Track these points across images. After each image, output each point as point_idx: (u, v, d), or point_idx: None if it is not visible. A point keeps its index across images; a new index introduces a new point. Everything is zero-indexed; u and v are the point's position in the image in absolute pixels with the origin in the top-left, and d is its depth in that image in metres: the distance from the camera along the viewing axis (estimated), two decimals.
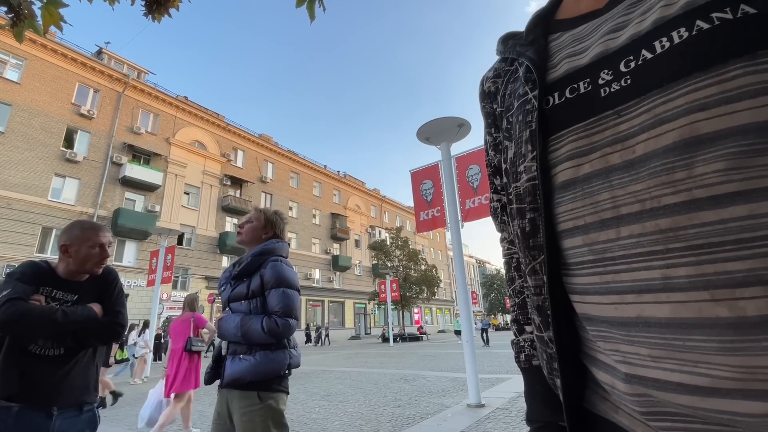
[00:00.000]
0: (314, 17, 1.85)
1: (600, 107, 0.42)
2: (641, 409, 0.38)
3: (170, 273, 11.78)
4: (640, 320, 0.37)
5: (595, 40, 0.45)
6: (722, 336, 0.32)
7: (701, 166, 0.33)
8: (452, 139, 6.06)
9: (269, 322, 1.62)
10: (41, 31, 1.88)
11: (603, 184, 0.40)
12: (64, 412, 1.43)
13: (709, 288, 0.32)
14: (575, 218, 0.44)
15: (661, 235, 0.35)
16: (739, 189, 0.32)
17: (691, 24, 0.36)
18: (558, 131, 0.46)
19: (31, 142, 18.37)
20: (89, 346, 1.53)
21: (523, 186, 0.50)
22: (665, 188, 0.35)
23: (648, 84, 0.38)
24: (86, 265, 1.55)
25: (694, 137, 0.34)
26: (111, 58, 23.92)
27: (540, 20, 0.56)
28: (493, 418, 4.40)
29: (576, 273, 0.44)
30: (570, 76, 0.46)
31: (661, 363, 0.36)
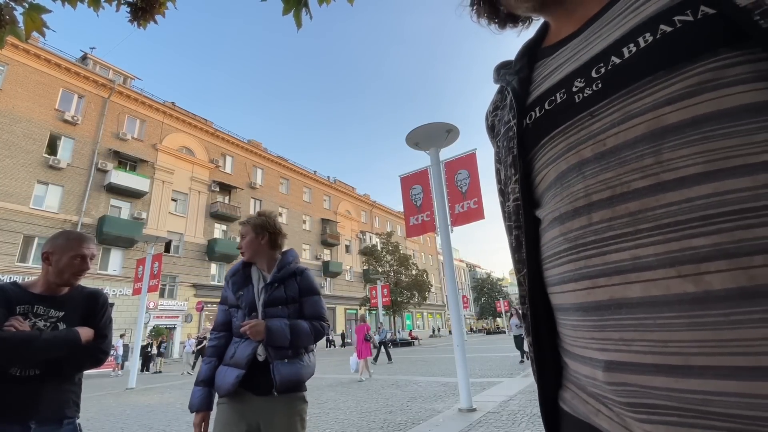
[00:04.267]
0: (301, 24, 1.86)
1: (575, 111, 0.45)
2: (623, 400, 0.38)
3: (157, 281, 11.58)
4: (612, 302, 0.38)
5: (571, 58, 0.49)
6: (690, 311, 0.32)
7: (668, 152, 0.36)
8: (441, 144, 6.11)
9: (312, 326, 1.73)
10: (23, 37, 1.85)
11: (577, 177, 0.44)
12: (43, 426, 1.40)
13: (675, 264, 0.34)
14: (553, 211, 0.47)
15: (630, 218, 0.37)
16: (704, 170, 0.34)
17: (655, 29, 0.38)
18: (539, 141, 0.50)
19: (13, 149, 17.94)
20: (67, 372, 1.50)
21: (511, 206, 0.55)
22: (635, 174, 0.38)
23: (617, 85, 0.41)
24: (64, 274, 1.52)
25: (661, 128, 0.37)
26: (96, 64, 23.58)
27: (527, 50, 0.61)
28: (485, 422, 4.40)
29: (553, 264, 0.47)
30: (548, 91, 0.50)
31: (633, 345, 0.36)
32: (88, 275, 6.96)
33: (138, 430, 5.36)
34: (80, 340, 1.49)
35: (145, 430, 5.34)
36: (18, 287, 1.51)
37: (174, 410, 6.76)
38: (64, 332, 1.48)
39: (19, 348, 1.34)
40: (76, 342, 1.48)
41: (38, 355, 1.39)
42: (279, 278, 1.76)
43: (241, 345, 1.66)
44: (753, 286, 0.30)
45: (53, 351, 1.41)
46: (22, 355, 1.36)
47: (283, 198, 32.07)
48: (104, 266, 20.24)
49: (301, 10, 1.86)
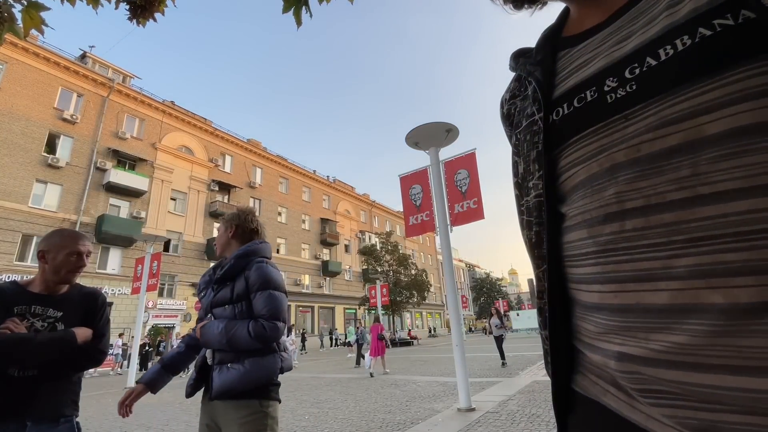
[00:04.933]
0: (301, 23, 1.86)
1: (607, 112, 0.44)
2: (633, 386, 0.41)
3: (156, 280, 11.55)
4: (638, 306, 0.40)
5: (601, 52, 0.48)
6: (715, 320, 0.34)
7: (705, 165, 0.36)
8: (441, 144, 6.11)
9: (256, 326, 1.54)
10: (21, 35, 1.84)
11: (609, 181, 0.43)
12: (39, 424, 1.40)
13: (706, 276, 0.35)
14: (582, 212, 0.47)
15: (664, 229, 0.38)
16: (742, 186, 0.34)
17: (693, 31, 0.37)
18: (568, 139, 0.49)
19: (11, 148, 17.90)
20: (64, 372, 1.50)
21: (531, 201, 0.55)
22: (671, 185, 0.38)
23: (653, 89, 0.40)
24: (61, 272, 1.52)
25: (699, 138, 0.36)
26: (95, 62, 23.53)
27: (548, 39, 0.59)
28: (484, 422, 4.40)
29: (578, 264, 0.48)
30: (577, 87, 0.49)
31: (651, 344, 0.38)
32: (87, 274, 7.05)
33: (136, 429, 5.36)
34: (76, 341, 1.48)
35: (144, 429, 5.34)
36: (17, 286, 1.51)
37: (173, 409, 6.75)
38: (59, 333, 1.47)
39: (12, 350, 1.34)
40: (71, 343, 1.47)
41: (32, 357, 1.38)
42: (224, 275, 1.67)
43: (203, 348, 1.68)
44: None
45: (48, 353, 1.41)
46: (15, 357, 1.36)
47: (282, 197, 32.05)
48: (103, 265, 20.20)
49: (301, 9, 1.85)
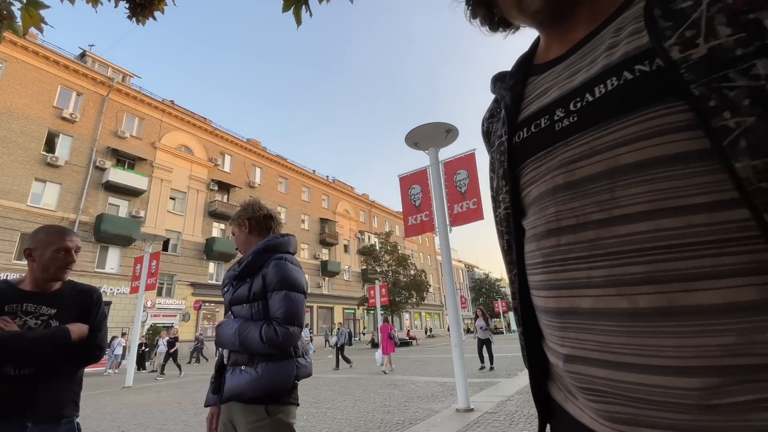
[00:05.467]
0: (301, 22, 1.85)
1: (555, 139, 0.51)
2: (578, 384, 0.48)
3: (155, 280, 11.55)
4: (571, 310, 0.47)
5: (557, 83, 0.54)
6: (623, 322, 0.41)
7: (620, 190, 0.43)
8: (440, 144, 6.11)
9: (269, 330, 1.44)
10: (21, 33, 1.84)
11: (551, 201, 0.50)
12: (40, 425, 1.39)
13: (616, 285, 0.42)
14: (533, 227, 0.54)
15: (588, 244, 0.45)
16: (645, 209, 0.40)
17: (620, 74, 0.44)
18: (524, 161, 0.56)
19: (10, 146, 17.87)
20: (61, 369, 1.48)
21: (502, 213, 0.62)
22: (593, 207, 0.45)
23: (588, 121, 0.47)
24: (50, 269, 1.50)
25: (616, 167, 0.43)
26: (95, 61, 23.50)
27: (520, 65, 0.65)
28: (482, 423, 4.40)
29: (532, 272, 0.55)
30: (535, 114, 0.56)
31: (584, 344, 0.45)
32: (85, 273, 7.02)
33: (134, 429, 5.35)
34: (70, 336, 1.46)
35: (142, 429, 5.33)
36: (8, 285, 1.48)
37: (171, 409, 6.74)
38: (52, 330, 1.45)
39: (3, 348, 1.32)
40: (64, 339, 1.45)
41: (23, 354, 1.36)
42: (243, 271, 1.58)
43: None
44: (669, 306, 0.38)
45: (41, 349, 1.39)
46: (7, 354, 1.34)
47: (281, 197, 32.03)
48: (101, 264, 20.17)
49: (301, 8, 1.85)
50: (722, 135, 0.36)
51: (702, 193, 0.38)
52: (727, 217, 0.37)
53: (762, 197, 0.34)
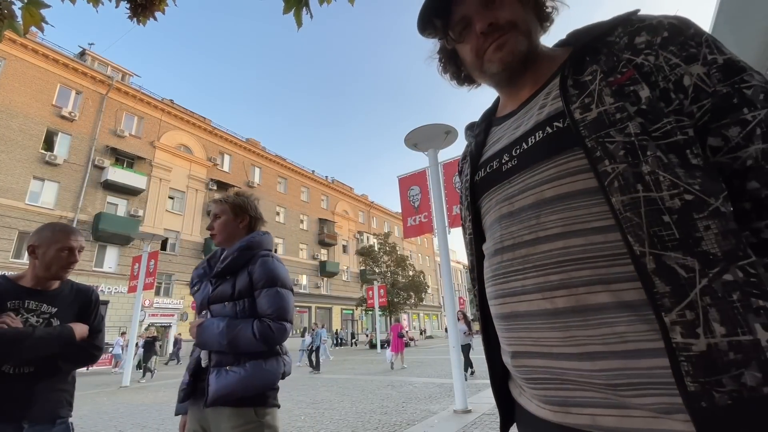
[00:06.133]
0: (301, 24, 1.86)
1: (501, 178, 0.64)
2: (523, 376, 0.59)
3: (153, 279, 11.53)
4: (513, 314, 0.58)
5: (507, 133, 0.68)
6: (547, 320, 0.52)
7: (543, 217, 0.54)
8: (439, 145, 6.12)
9: (261, 326, 1.41)
10: (21, 32, 1.84)
11: (498, 227, 0.63)
12: (35, 426, 1.38)
13: (542, 291, 0.53)
14: (487, 249, 0.66)
15: (521, 259, 0.56)
16: (561, 231, 0.52)
17: (544, 128, 0.58)
18: (481, 195, 0.69)
19: (9, 144, 17.81)
20: (61, 368, 1.48)
21: (467, 238, 0.76)
22: (525, 230, 0.57)
23: (523, 164, 0.59)
24: (52, 268, 1.48)
25: (541, 199, 0.55)
26: (95, 60, 23.45)
27: (486, 117, 0.80)
28: (480, 424, 4.41)
29: (487, 285, 0.66)
30: (490, 158, 0.69)
31: (524, 340, 0.57)
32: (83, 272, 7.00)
33: (132, 428, 5.34)
34: (74, 336, 1.46)
35: (139, 428, 5.31)
36: (7, 281, 1.47)
37: (168, 409, 6.72)
38: (57, 329, 1.45)
39: (10, 346, 1.31)
40: (70, 339, 1.45)
41: (31, 352, 1.36)
42: (225, 269, 1.51)
43: (197, 349, 1.51)
44: (578, 305, 0.49)
45: (46, 348, 1.39)
46: (13, 352, 1.33)
47: (280, 197, 31.99)
48: (99, 263, 20.10)
49: (302, 10, 1.86)
50: (604, 177, 0.48)
51: (598, 220, 0.49)
52: (614, 237, 0.48)
53: (627, 223, 0.46)
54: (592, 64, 0.55)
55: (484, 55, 0.67)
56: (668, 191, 0.45)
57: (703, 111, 0.49)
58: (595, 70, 0.54)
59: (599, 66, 0.54)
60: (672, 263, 0.43)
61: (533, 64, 0.67)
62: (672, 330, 0.42)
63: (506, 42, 0.65)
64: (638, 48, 0.53)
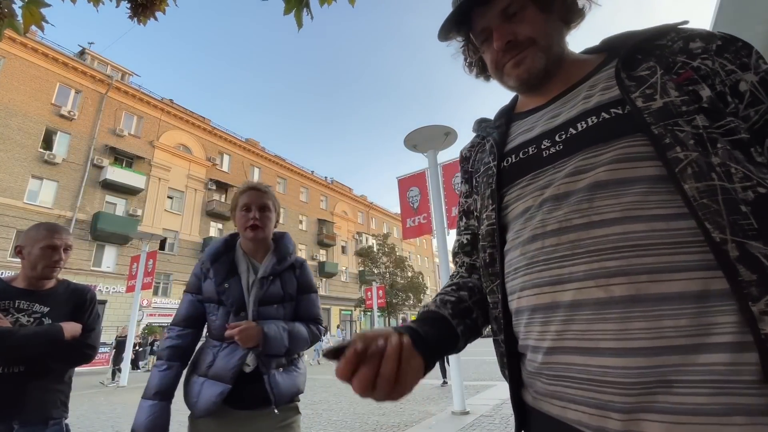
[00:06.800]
0: (302, 25, 1.86)
1: (542, 163, 0.61)
2: (553, 374, 0.54)
3: (151, 279, 11.50)
4: (553, 304, 0.54)
5: (540, 123, 0.67)
6: (599, 310, 0.49)
7: (598, 201, 0.52)
8: (439, 146, 6.12)
9: (312, 330, 1.49)
10: (21, 31, 1.84)
11: (537, 212, 0.59)
12: (26, 426, 1.36)
13: (595, 278, 0.49)
14: (517, 237, 0.62)
15: (569, 244, 0.53)
16: (618, 216, 0.50)
17: (598, 114, 0.57)
18: (513, 181, 0.66)
19: (8, 143, 17.77)
20: (53, 368, 1.46)
21: (485, 229, 0.70)
22: (575, 214, 0.54)
23: (572, 149, 0.58)
24: (37, 267, 1.47)
25: (596, 183, 0.53)
26: (94, 59, 23.43)
27: (504, 113, 0.80)
28: (478, 426, 4.40)
29: (513, 277, 0.62)
30: (522, 145, 0.67)
31: (564, 335, 0.52)
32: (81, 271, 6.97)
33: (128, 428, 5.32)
34: (63, 335, 1.44)
35: None
36: (0, 282, 1.47)
37: None
38: (45, 327, 1.43)
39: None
40: (57, 337, 1.42)
41: (15, 351, 1.34)
42: (278, 271, 1.46)
43: (223, 352, 1.35)
44: (639, 294, 0.46)
45: (32, 347, 1.36)
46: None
47: (280, 197, 31.25)
48: (98, 263, 20.05)
49: (302, 11, 1.86)
50: (675, 163, 0.48)
51: (660, 207, 0.48)
52: (680, 225, 0.47)
53: (703, 210, 0.45)
54: (647, 61, 0.56)
55: (503, 69, 0.69)
56: (740, 183, 0.45)
57: (759, 114, 0.51)
58: (653, 66, 0.55)
59: (656, 63, 0.55)
60: (755, 252, 0.42)
61: (558, 69, 0.68)
62: (761, 320, 0.40)
63: (524, 59, 0.66)
64: (694, 53, 0.54)
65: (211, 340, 1.41)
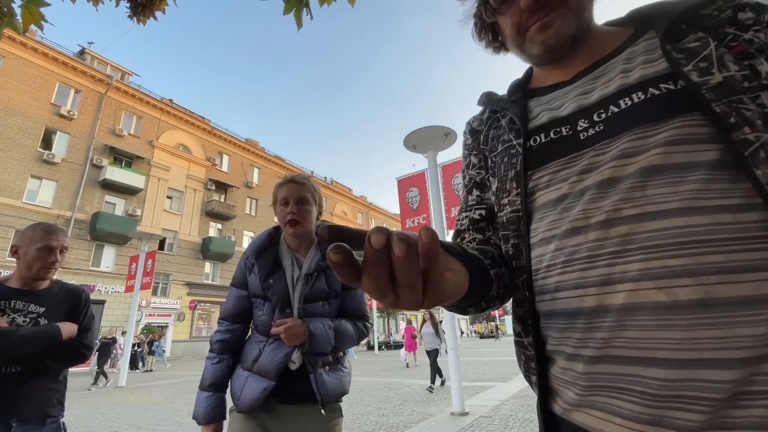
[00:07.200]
0: (301, 25, 1.86)
1: (580, 146, 0.54)
2: (590, 384, 0.48)
3: (150, 279, 11.48)
4: (600, 308, 0.46)
5: (568, 100, 0.59)
6: (660, 315, 0.42)
7: (651, 189, 0.45)
8: (438, 147, 6.12)
9: (358, 327, 1.45)
10: (21, 30, 1.84)
11: (577, 201, 0.51)
12: (25, 425, 1.37)
13: (654, 278, 0.43)
14: (552, 229, 0.54)
15: (620, 239, 0.46)
16: (678, 207, 0.43)
17: (645, 90, 0.50)
18: (542, 164, 0.57)
19: (7, 143, 17.75)
20: (50, 367, 1.47)
21: (507, 216, 0.61)
22: (625, 203, 0.46)
23: (616, 129, 0.51)
24: (33, 267, 1.48)
25: (649, 168, 0.46)
26: (94, 59, 23.42)
27: (518, 87, 0.71)
28: (477, 426, 4.40)
29: (545, 275, 0.54)
30: (553, 123, 0.59)
31: (612, 342, 0.45)
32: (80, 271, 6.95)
33: (127, 429, 5.31)
34: (60, 335, 1.45)
35: (135, 429, 5.29)
36: None
37: (164, 409, 6.70)
38: (43, 327, 1.44)
39: None
40: (55, 337, 1.44)
41: (15, 351, 1.35)
42: (322, 266, 1.42)
43: (268, 347, 1.33)
44: (708, 298, 0.40)
45: (31, 347, 1.38)
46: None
47: None
48: (97, 263, 20.02)
49: (302, 10, 1.86)
50: (743, 146, 0.42)
51: (722, 197, 0.42)
52: (748, 218, 0.41)
53: None
54: (693, 32, 0.50)
55: (525, 33, 0.61)
56: None
57: None
58: (703, 38, 0.49)
59: (707, 34, 0.49)
60: None
61: (585, 39, 0.61)
62: None
63: (552, 22, 0.58)
64: (745, 24, 0.48)
65: (258, 334, 1.39)
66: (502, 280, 0.57)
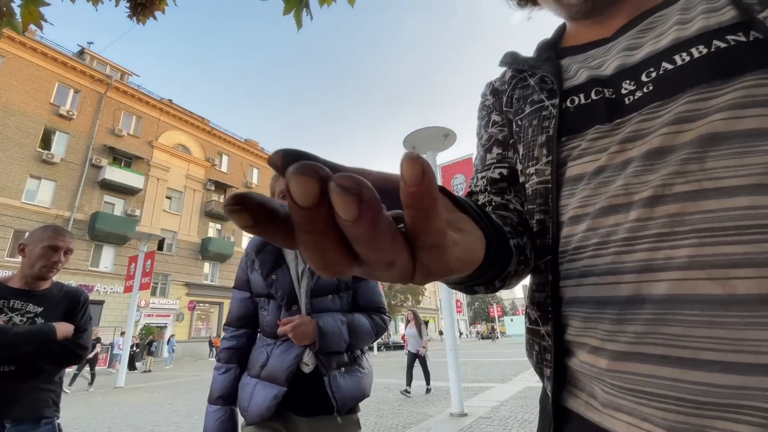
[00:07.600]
0: (301, 25, 1.86)
1: (625, 111, 0.46)
2: (623, 385, 0.41)
3: (149, 279, 11.47)
4: (636, 298, 0.39)
5: (611, 57, 0.50)
6: (711, 311, 0.35)
7: (712, 161, 0.38)
8: (438, 148, 6.13)
9: (375, 321, 1.32)
10: (20, 29, 1.83)
11: (618, 174, 0.44)
12: (19, 425, 1.37)
13: (707, 267, 0.36)
14: (584, 206, 0.46)
15: (668, 219, 0.38)
16: (744, 183, 0.36)
17: (708, 43, 0.41)
18: (577, 131, 0.49)
19: (6, 143, 17.73)
20: (45, 367, 1.47)
21: (533, 188, 0.53)
22: (678, 177, 0.39)
23: (669, 90, 0.43)
24: (35, 266, 1.49)
25: (709, 134, 0.38)
26: (93, 59, 23.42)
27: (549, 46, 0.63)
28: (476, 427, 4.40)
29: (573, 257, 0.47)
30: (593, 82, 0.50)
31: (648, 338, 0.38)
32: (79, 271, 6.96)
33: (126, 429, 5.30)
34: (55, 334, 1.45)
35: (133, 429, 5.28)
36: None
37: (162, 410, 6.69)
38: (37, 327, 1.44)
39: None
40: (50, 336, 1.44)
41: (7, 349, 1.35)
42: None
43: (277, 350, 1.22)
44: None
45: (25, 345, 1.38)
46: None
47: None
48: (95, 263, 20.00)
49: (302, 11, 1.86)
50: None
51: None
52: None
53: None
54: None
55: None
56: None
57: None
58: None
59: None
60: None
61: None
62: None
63: None
64: None
65: (264, 337, 1.29)
66: (523, 254, 0.47)
